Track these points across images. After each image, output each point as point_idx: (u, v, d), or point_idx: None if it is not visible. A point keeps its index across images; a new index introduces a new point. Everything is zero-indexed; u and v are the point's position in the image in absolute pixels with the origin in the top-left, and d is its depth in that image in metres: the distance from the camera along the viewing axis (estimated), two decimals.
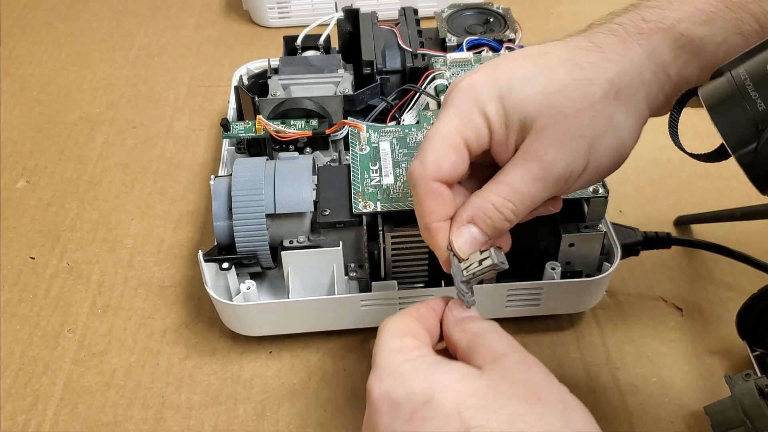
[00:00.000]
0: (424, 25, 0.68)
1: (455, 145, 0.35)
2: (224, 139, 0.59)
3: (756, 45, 0.32)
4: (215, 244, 0.50)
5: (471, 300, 0.36)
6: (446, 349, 0.35)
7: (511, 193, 0.34)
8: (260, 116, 0.55)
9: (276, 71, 0.62)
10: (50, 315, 0.56)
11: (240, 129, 0.56)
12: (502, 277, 0.52)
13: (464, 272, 0.36)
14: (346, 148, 0.56)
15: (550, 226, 0.50)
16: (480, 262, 0.35)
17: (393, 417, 0.29)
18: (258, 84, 0.64)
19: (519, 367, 0.31)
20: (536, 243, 0.50)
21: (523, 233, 0.49)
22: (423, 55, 0.63)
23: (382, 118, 0.59)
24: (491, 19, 0.66)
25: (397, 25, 0.66)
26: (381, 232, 0.48)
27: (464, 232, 0.35)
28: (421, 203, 0.36)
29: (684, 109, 0.35)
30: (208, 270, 0.50)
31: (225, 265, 0.49)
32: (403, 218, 0.49)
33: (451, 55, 0.61)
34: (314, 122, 0.56)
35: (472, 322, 0.34)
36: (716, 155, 0.34)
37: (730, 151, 0.31)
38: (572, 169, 0.34)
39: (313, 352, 0.52)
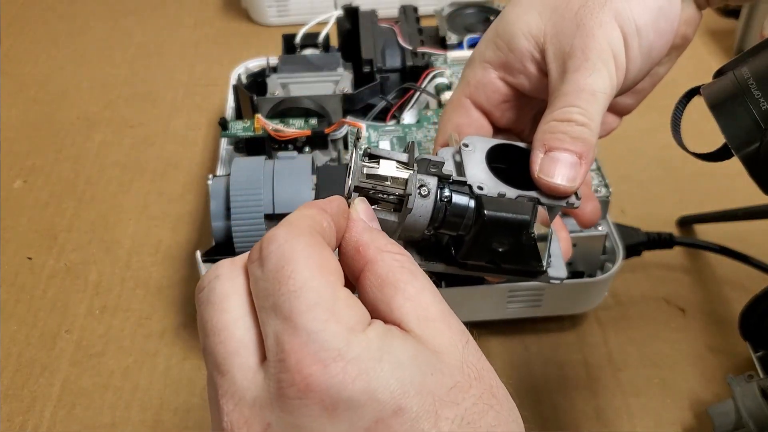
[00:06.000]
0: (424, 23, 0.67)
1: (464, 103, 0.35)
2: (222, 139, 0.58)
3: (759, 44, 0.31)
4: (213, 244, 0.50)
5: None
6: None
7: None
8: (259, 115, 0.55)
9: (275, 70, 0.62)
10: (48, 316, 0.56)
11: (238, 128, 0.55)
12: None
13: (366, 169, 0.27)
14: (346, 147, 0.55)
15: None
16: (392, 180, 0.27)
17: (342, 423, 0.20)
18: (257, 83, 0.63)
19: (466, 345, 0.23)
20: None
21: None
22: (423, 54, 0.62)
23: (381, 117, 0.58)
24: (491, 17, 0.66)
25: (396, 23, 0.66)
26: None
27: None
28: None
29: (686, 108, 0.35)
30: (207, 270, 0.49)
31: None
32: None
33: (452, 54, 0.61)
34: (313, 121, 0.55)
35: (387, 239, 0.25)
36: (719, 154, 0.33)
37: (732, 151, 0.31)
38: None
39: None
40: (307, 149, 0.55)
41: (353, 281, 0.25)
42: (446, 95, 0.57)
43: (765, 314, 0.46)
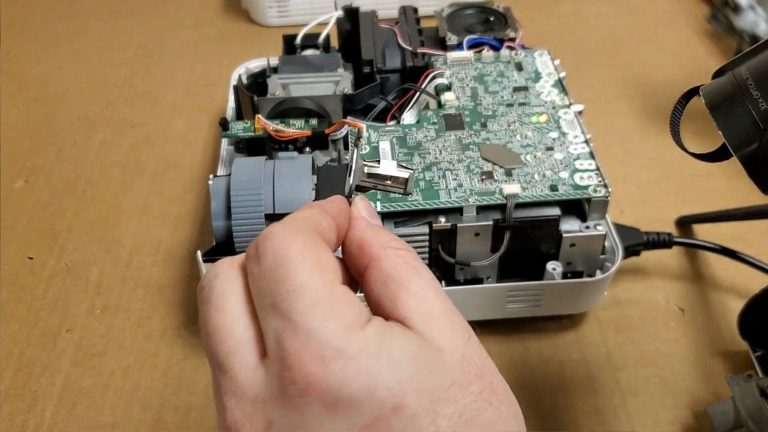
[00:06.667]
0: (424, 23, 0.67)
1: None
2: (223, 139, 0.59)
3: (758, 44, 0.31)
4: (214, 244, 0.50)
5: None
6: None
7: None
8: (259, 115, 0.55)
9: (275, 70, 0.62)
10: (48, 315, 0.56)
11: (239, 128, 0.55)
12: (502, 277, 0.52)
13: (367, 168, 0.27)
14: (346, 147, 0.56)
15: (552, 226, 0.50)
16: (393, 179, 0.27)
17: (342, 419, 0.20)
18: (257, 83, 0.64)
19: (468, 342, 0.23)
20: (537, 243, 0.50)
21: (525, 233, 0.49)
22: (423, 54, 0.62)
23: (381, 118, 0.58)
24: (492, 18, 0.66)
25: (396, 23, 0.66)
26: None
27: None
28: None
29: (685, 108, 0.35)
30: (207, 270, 0.49)
31: None
32: (403, 218, 0.49)
33: (451, 54, 0.61)
34: (314, 121, 0.55)
35: (391, 236, 0.25)
36: (718, 155, 0.33)
37: (731, 151, 0.31)
38: None
39: None
40: (307, 149, 0.55)
41: (358, 279, 0.25)
42: (446, 96, 0.57)
43: (764, 314, 0.46)
